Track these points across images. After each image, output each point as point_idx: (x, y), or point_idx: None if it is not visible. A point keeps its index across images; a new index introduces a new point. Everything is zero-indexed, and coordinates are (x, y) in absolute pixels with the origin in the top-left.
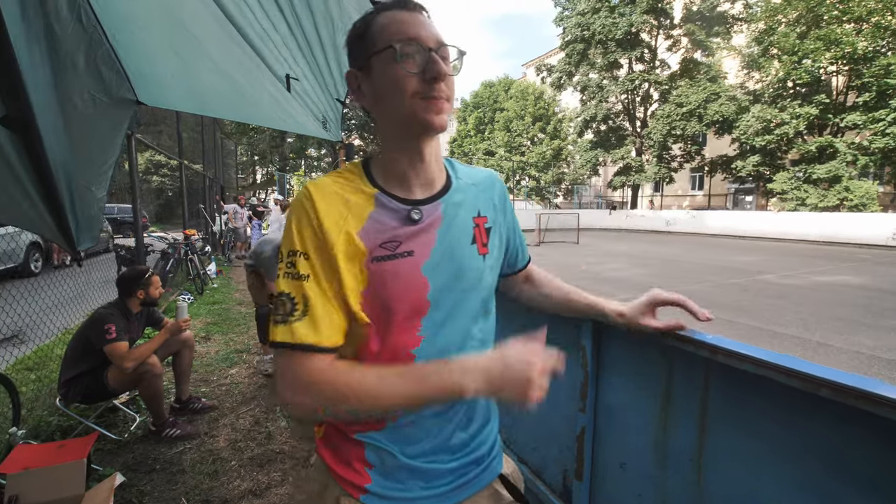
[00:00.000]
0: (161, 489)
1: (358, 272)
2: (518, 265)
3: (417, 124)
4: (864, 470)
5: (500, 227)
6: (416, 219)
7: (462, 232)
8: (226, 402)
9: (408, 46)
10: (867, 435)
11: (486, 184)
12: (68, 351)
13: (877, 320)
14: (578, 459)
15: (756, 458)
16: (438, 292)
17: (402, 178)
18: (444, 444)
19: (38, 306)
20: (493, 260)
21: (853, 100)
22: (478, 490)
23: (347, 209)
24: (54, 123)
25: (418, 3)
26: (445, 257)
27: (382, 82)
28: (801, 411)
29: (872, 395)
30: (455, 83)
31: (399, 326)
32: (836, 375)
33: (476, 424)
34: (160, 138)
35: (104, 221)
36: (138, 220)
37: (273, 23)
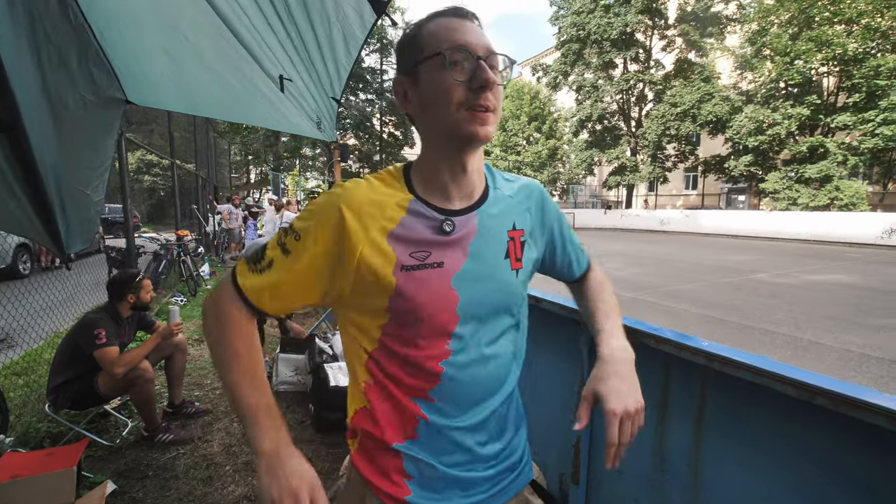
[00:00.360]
0: (154, 496)
1: (385, 278)
2: (574, 274)
3: (461, 135)
4: (859, 476)
5: (538, 239)
6: (447, 230)
7: (496, 245)
8: (220, 405)
9: (456, 53)
10: (861, 443)
11: (524, 195)
12: (57, 356)
13: (866, 319)
14: (575, 464)
15: (752, 464)
16: (468, 305)
17: (442, 188)
18: (478, 454)
19: (26, 309)
20: (526, 275)
21: (844, 100)
22: (512, 496)
23: (380, 212)
24: (43, 124)
25: (471, 11)
26: (477, 271)
27: (429, 90)
28: (796, 419)
29: (867, 403)
30: (502, 93)
31: (427, 338)
32: (831, 384)
33: (508, 434)
34: (151, 137)
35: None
36: (129, 221)
37: (268, 21)
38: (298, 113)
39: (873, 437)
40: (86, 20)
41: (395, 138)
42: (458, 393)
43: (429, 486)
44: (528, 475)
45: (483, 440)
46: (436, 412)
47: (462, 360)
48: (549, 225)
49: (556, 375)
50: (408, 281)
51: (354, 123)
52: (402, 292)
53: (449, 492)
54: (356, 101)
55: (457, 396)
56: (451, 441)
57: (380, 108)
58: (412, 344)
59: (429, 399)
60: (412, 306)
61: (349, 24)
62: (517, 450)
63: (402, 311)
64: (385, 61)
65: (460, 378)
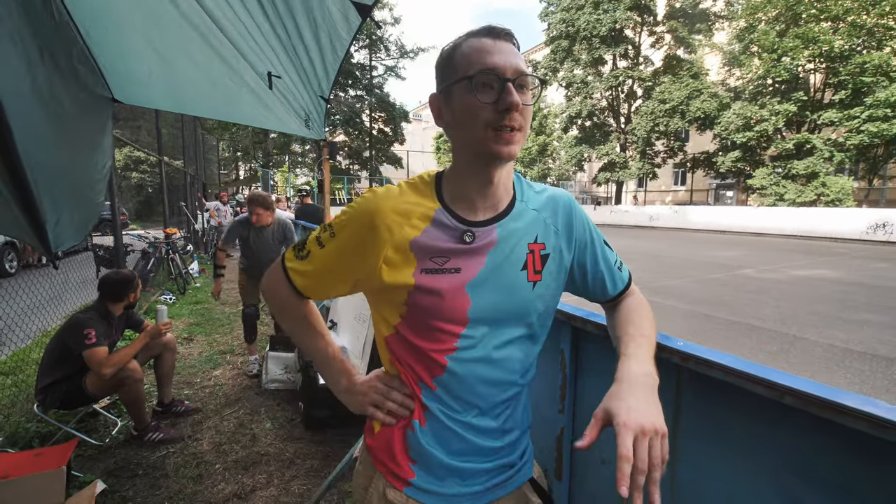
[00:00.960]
0: (144, 494)
1: (405, 278)
2: (608, 294)
3: (487, 154)
4: (829, 475)
5: (563, 253)
6: (468, 241)
7: (514, 257)
8: (209, 404)
9: (485, 76)
10: (830, 442)
11: (550, 208)
12: (46, 356)
13: (851, 314)
14: (558, 459)
15: (726, 462)
16: (479, 311)
17: (468, 199)
18: (478, 446)
19: (13, 308)
20: (546, 288)
21: (830, 97)
22: (510, 491)
23: (407, 221)
24: (33, 123)
25: (505, 29)
26: (491, 280)
27: (459, 110)
28: (767, 418)
29: (835, 404)
30: (531, 112)
31: (437, 333)
32: (800, 384)
33: (512, 435)
34: (139, 134)
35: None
36: (117, 220)
37: (254, 19)
38: (286, 110)
39: (842, 436)
40: (71, 18)
41: (385, 134)
42: (459, 386)
43: (431, 472)
44: (528, 473)
45: (483, 435)
46: (436, 400)
47: (467, 357)
48: (578, 240)
49: (540, 373)
50: (425, 282)
51: (344, 120)
52: (419, 291)
53: (450, 479)
54: (345, 97)
55: (458, 389)
56: (451, 431)
57: (369, 104)
58: (423, 336)
59: (431, 386)
60: (427, 305)
61: (335, 25)
62: (518, 448)
63: (419, 307)
64: (374, 57)
65: (462, 373)
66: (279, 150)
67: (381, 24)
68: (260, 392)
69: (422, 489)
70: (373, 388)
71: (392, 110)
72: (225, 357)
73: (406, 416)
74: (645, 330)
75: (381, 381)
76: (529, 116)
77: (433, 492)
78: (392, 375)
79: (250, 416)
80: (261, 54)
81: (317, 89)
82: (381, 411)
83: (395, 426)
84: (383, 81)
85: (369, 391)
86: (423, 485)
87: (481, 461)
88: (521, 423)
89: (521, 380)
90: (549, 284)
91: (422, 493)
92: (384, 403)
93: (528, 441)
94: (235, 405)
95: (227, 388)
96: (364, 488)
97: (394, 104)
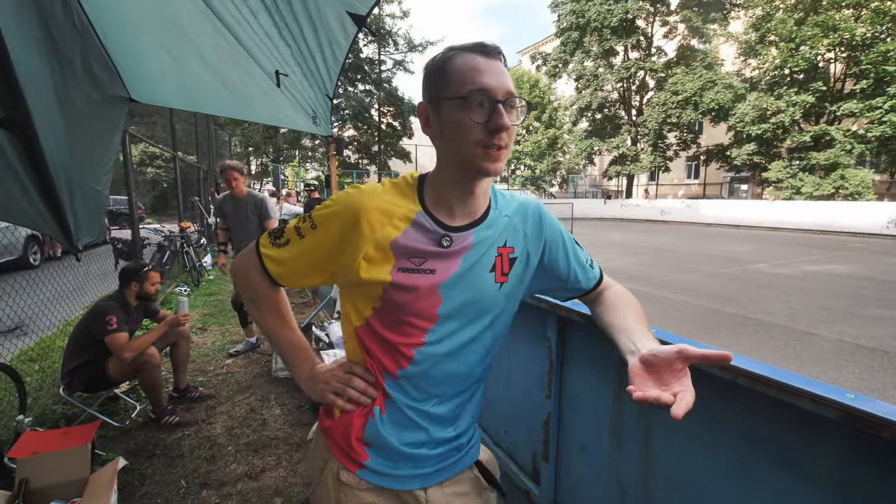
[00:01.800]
0: (161, 472)
1: (382, 275)
2: (582, 287)
3: (474, 169)
4: (777, 448)
5: (531, 256)
6: (445, 245)
7: (485, 260)
8: (222, 390)
9: (478, 96)
10: (777, 417)
11: (520, 215)
12: (70, 342)
13: (863, 309)
14: (545, 442)
15: (694, 440)
16: (450, 310)
17: (448, 205)
18: (433, 435)
19: (37, 299)
20: (511, 288)
21: (850, 87)
22: (457, 472)
23: (388, 221)
24: (53, 122)
25: (496, 47)
26: (463, 281)
27: (449, 125)
28: (724, 397)
29: (777, 382)
30: (515, 131)
31: (405, 329)
32: (750, 365)
33: (463, 423)
34: (154, 129)
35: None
36: (134, 214)
37: (260, 21)
38: (294, 107)
39: (788, 412)
40: (90, 23)
41: (394, 129)
42: (423, 378)
43: (384, 456)
44: (475, 455)
45: (438, 424)
46: (399, 390)
47: (432, 352)
48: (548, 242)
49: (529, 359)
50: (401, 280)
51: (353, 114)
52: (395, 288)
53: (402, 463)
54: (354, 92)
55: (420, 380)
56: (410, 420)
57: (378, 98)
58: (393, 329)
59: (395, 377)
60: (401, 301)
61: (333, 33)
62: (466, 434)
63: (392, 302)
64: (383, 52)
65: (427, 366)
66: (289, 146)
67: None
68: (270, 380)
69: (375, 471)
70: (334, 377)
71: (401, 104)
72: (237, 346)
73: (367, 403)
74: (642, 320)
75: (342, 370)
76: (514, 135)
77: (385, 473)
78: (355, 362)
79: (261, 402)
80: (268, 54)
81: (321, 88)
82: (341, 399)
83: (356, 412)
84: (392, 76)
85: (331, 379)
86: (377, 467)
87: (433, 447)
88: (472, 414)
89: (481, 374)
90: (515, 285)
91: (374, 475)
92: (345, 391)
93: (475, 429)
94: (247, 392)
95: (238, 376)
96: (319, 470)
97: (402, 98)
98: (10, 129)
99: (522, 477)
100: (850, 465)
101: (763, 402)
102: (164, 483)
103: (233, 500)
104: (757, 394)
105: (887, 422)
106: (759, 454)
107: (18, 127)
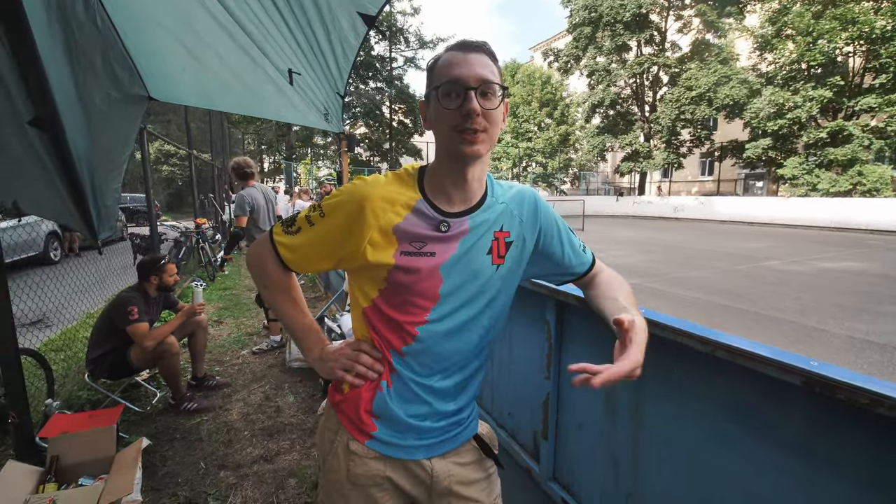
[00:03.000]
0: (182, 454)
1: (386, 258)
2: (576, 271)
3: (454, 153)
4: (757, 418)
5: (526, 241)
6: (443, 230)
7: (482, 243)
8: (238, 379)
9: (451, 86)
10: (756, 389)
11: (516, 202)
12: (94, 332)
13: (875, 306)
14: (544, 421)
15: (682, 411)
16: (450, 289)
17: (445, 192)
18: (436, 409)
19: (60, 292)
20: (508, 270)
21: (869, 82)
22: (459, 444)
23: (391, 208)
24: (77, 121)
25: (476, 43)
26: (462, 262)
27: (434, 114)
28: (708, 370)
29: (756, 355)
30: (498, 114)
31: (409, 308)
32: (729, 339)
33: (464, 398)
34: (169, 128)
35: (119, 212)
36: (152, 210)
37: (273, 21)
38: (307, 104)
39: (766, 383)
40: (111, 23)
41: (405, 126)
42: (426, 354)
43: (392, 427)
44: (474, 429)
45: (441, 398)
46: (404, 365)
47: (435, 329)
48: (543, 228)
49: (529, 343)
50: (404, 263)
51: (364, 112)
52: (398, 270)
53: (408, 433)
54: (366, 89)
55: (424, 356)
56: (415, 394)
57: (389, 96)
58: (398, 308)
59: (401, 354)
60: (404, 282)
61: (344, 32)
62: (466, 409)
63: (397, 283)
64: (394, 49)
65: (430, 342)
66: (302, 143)
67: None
68: (284, 370)
69: (382, 441)
70: (343, 355)
71: (412, 101)
72: (252, 338)
73: (374, 378)
74: (631, 300)
75: (350, 348)
76: (497, 118)
77: (392, 443)
78: (363, 341)
79: (275, 390)
80: (281, 53)
81: (333, 86)
82: (350, 374)
83: (364, 387)
84: (403, 73)
85: (340, 357)
86: (384, 437)
87: (436, 420)
88: (473, 391)
89: (481, 354)
90: (511, 268)
91: (382, 445)
92: (353, 367)
93: (474, 406)
94: (262, 381)
95: (253, 366)
96: (330, 441)
97: (413, 95)
98: (40, 126)
99: (524, 455)
100: (815, 427)
101: (741, 373)
102: (185, 464)
103: (249, 480)
104: (735, 365)
105: (843, 384)
106: (737, 419)
107: (48, 124)
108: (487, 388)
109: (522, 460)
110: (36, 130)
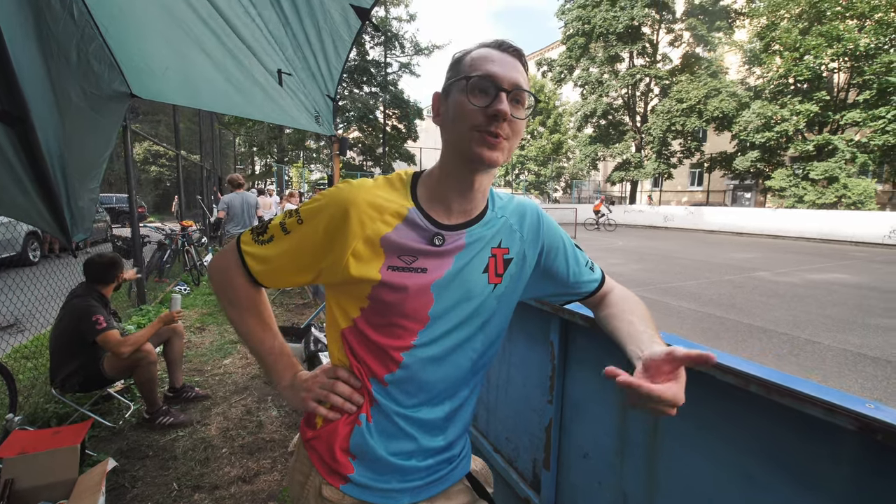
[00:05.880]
0: (153, 475)
1: (371, 272)
2: (584, 290)
3: (470, 155)
4: (791, 459)
5: (527, 258)
6: (437, 244)
7: (478, 260)
8: (219, 391)
9: (482, 81)
10: (792, 427)
11: (518, 215)
12: (57, 348)
13: (866, 318)
14: (546, 449)
15: (702, 447)
16: (441, 311)
17: (444, 201)
18: (422, 445)
19: (35, 295)
20: (506, 290)
21: (854, 97)
22: (449, 486)
23: (379, 216)
24: (49, 118)
25: (515, 47)
26: (456, 281)
27: (453, 108)
28: (737, 405)
29: (794, 391)
30: (522, 127)
31: (395, 331)
32: (763, 372)
33: (454, 432)
34: (158, 128)
35: (97, 213)
36: (134, 211)
37: (263, 19)
38: (297, 107)
39: (802, 422)
40: (91, 16)
41: (398, 131)
42: (412, 382)
43: (371, 468)
44: (466, 467)
45: (430, 432)
46: (386, 396)
47: (423, 355)
48: (546, 244)
49: (530, 364)
50: (391, 278)
51: (358, 116)
52: (384, 287)
53: (390, 475)
54: (360, 94)
55: (409, 385)
56: (398, 428)
57: (383, 101)
58: (381, 331)
59: (383, 383)
60: (390, 300)
61: (336, 28)
62: (457, 444)
63: (381, 302)
64: (389, 54)
65: (416, 370)
66: (294, 146)
67: (379, 29)
68: (268, 381)
69: (360, 485)
70: (317, 383)
71: (406, 107)
72: (235, 346)
73: (352, 411)
74: (649, 322)
75: (326, 375)
76: (520, 130)
77: (372, 487)
78: (340, 367)
79: (257, 403)
80: (271, 52)
81: (323, 88)
82: (324, 406)
83: (341, 421)
84: (398, 78)
85: (313, 386)
86: (362, 480)
87: (422, 458)
88: (464, 423)
89: (472, 379)
90: (510, 287)
91: (359, 489)
92: (328, 398)
93: (466, 440)
94: (243, 393)
95: (235, 377)
96: (301, 485)
97: (408, 101)
98: (7, 122)
99: (522, 485)
100: (868, 477)
101: (776, 410)
102: (156, 485)
103: (225, 503)
104: (770, 402)
105: None
106: (770, 463)
107: (17, 122)
108: (483, 408)
109: (521, 490)
110: (3, 127)
